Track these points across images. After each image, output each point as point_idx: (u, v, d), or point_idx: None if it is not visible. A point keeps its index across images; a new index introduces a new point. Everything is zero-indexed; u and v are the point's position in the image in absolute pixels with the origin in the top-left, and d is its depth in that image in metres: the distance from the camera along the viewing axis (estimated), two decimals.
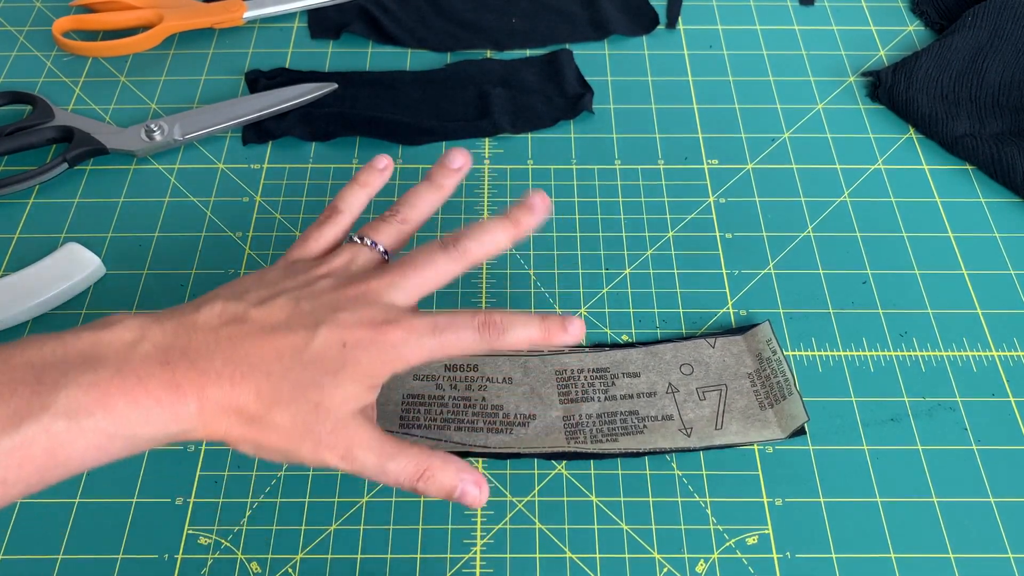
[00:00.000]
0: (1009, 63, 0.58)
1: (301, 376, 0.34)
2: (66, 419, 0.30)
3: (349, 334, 0.35)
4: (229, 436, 0.34)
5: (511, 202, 0.40)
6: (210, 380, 0.33)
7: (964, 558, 0.40)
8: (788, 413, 0.43)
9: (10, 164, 0.55)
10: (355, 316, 0.35)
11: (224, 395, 0.33)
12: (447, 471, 0.35)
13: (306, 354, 0.34)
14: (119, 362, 0.32)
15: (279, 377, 0.34)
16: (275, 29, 0.63)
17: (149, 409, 0.32)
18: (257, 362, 0.34)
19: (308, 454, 0.34)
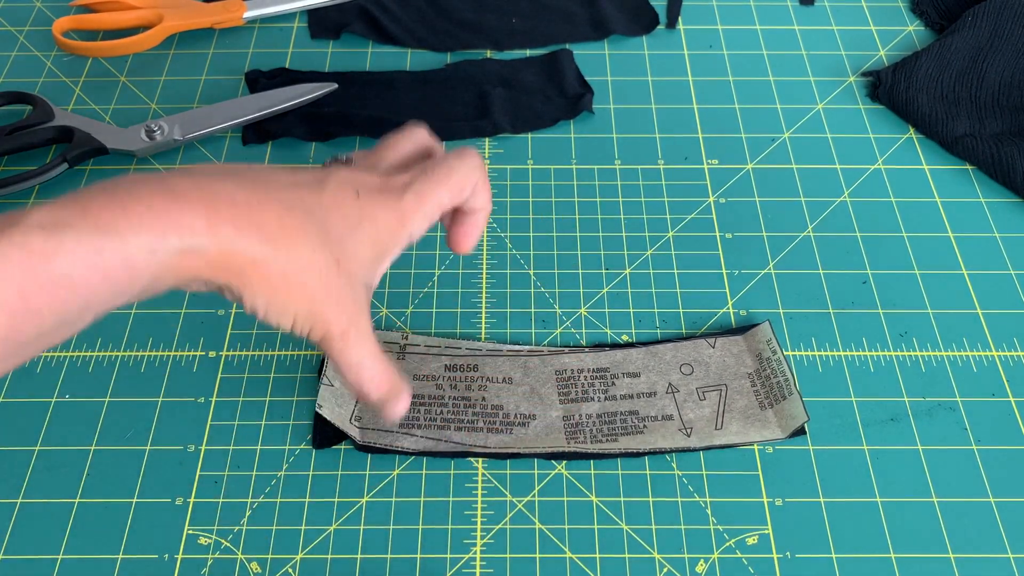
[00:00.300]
0: (1009, 63, 0.58)
1: (324, 220, 0.32)
2: (41, 231, 0.26)
3: (358, 182, 0.34)
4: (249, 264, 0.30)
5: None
6: (220, 199, 0.30)
7: (964, 558, 0.40)
8: (788, 413, 0.43)
9: (10, 164, 0.55)
10: (361, 172, 0.35)
11: (240, 214, 0.30)
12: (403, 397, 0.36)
13: (324, 196, 0.33)
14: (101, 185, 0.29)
15: (303, 214, 0.31)
16: (275, 29, 0.63)
17: (141, 215, 0.28)
18: (275, 191, 0.31)
19: (320, 308, 0.32)
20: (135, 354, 0.46)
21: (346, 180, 0.34)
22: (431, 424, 0.43)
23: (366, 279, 0.34)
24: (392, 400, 0.36)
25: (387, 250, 0.35)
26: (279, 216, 0.31)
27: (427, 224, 0.36)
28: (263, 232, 0.30)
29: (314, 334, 0.33)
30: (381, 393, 0.35)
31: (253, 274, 0.30)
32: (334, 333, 0.33)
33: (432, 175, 0.36)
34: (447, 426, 0.43)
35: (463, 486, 0.42)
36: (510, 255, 0.51)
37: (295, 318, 0.32)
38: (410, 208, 0.35)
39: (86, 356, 0.46)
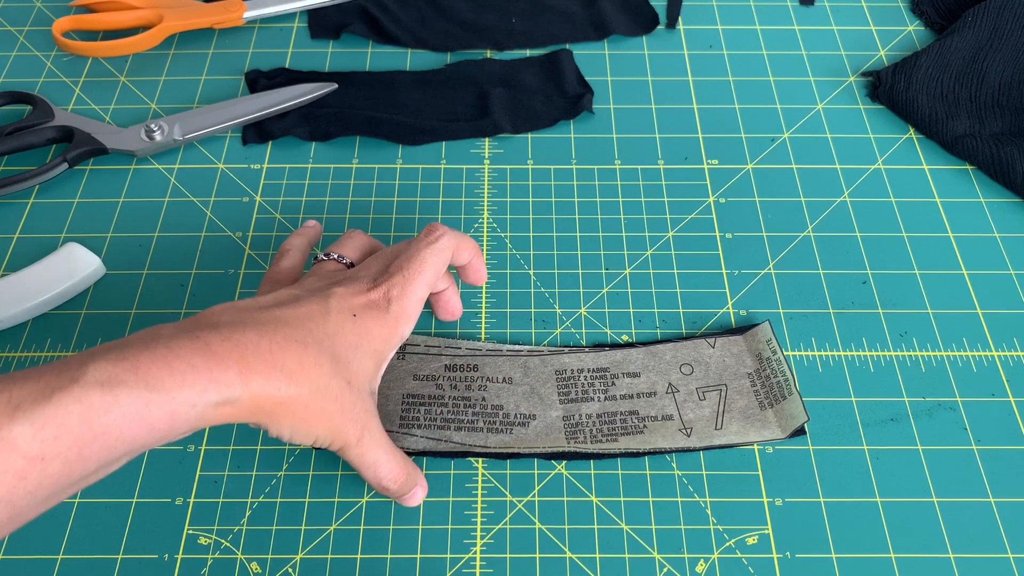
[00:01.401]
0: (1009, 63, 0.58)
1: (332, 348, 0.36)
2: (99, 387, 0.30)
3: (355, 304, 0.38)
4: (276, 405, 0.34)
5: None
6: (248, 350, 0.33)
7: (964, 558, 0.40)
8: (788, 413, 0.43)
9: (10, 164, 0.55)
10: (347, 287, 0.39)
11: (266, 364, 0.33)
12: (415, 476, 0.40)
13: (329, 325, 0.36)
14: (144, 340, 0.32)
15: (315, 348, 0.35)
16: (275, 29, 0.63)
17: (184, 373, 0.31)
18: (289, 332, 0.35)
19: (339, 426, 0.36)
20: None
21: (344, 306, 0.38)
22: (431, 424, 0.43)
23: (371, 388, 0.38)
24: (410, 490, 0.40)
25: (383, 358, 0.39)
26: (298, 356, 0.35)
27: (413, 324, 0.40)
28: (285, 374, 0.34)
29: (334, 446, 0.37)
30: (399, 485, 0.39)
31: (278, 411, 0.34)
32: (351, 442, 0.37)
33: (407, 275, 0.39)
34: (447, 426, 0.43)
35: (463, 486, 0.42)
36: (510, 255, 0.51)
37: (316, 438, 0.36)
38: (396, 316, 0.39)
39: None
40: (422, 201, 0.53)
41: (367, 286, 0.39)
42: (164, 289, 0.49)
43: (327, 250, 0.43)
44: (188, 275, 0.49)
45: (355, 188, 0.53)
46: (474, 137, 0.56)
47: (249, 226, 0.52)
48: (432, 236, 0.41)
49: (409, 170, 0.55)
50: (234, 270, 0.50)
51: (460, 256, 0.43)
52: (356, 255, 0.43)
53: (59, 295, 0.48)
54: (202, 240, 0.51)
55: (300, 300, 0.37)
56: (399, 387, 0.45)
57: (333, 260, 0.43)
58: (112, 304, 0.48)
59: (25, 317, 0.47)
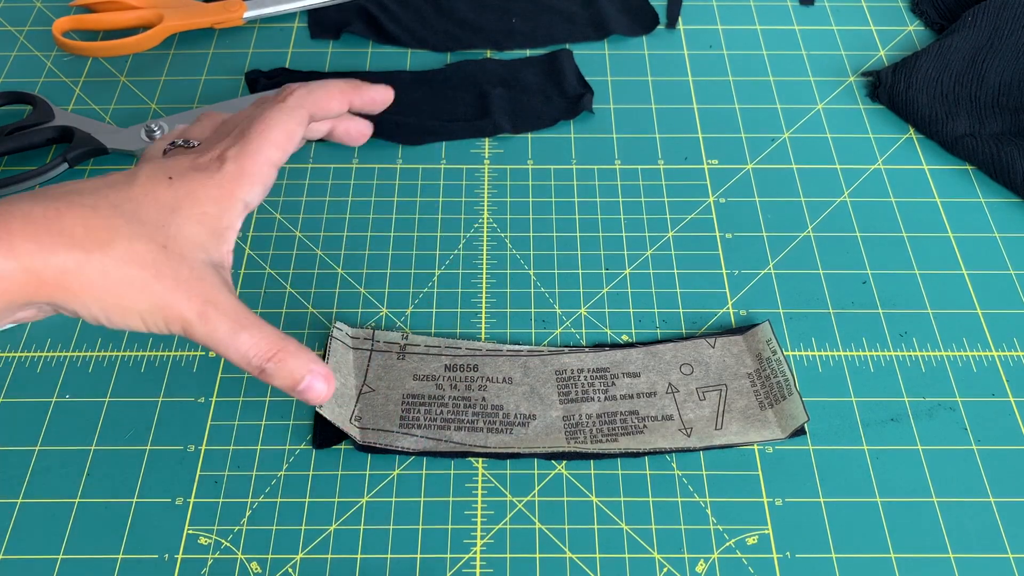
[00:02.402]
0: (1009, 63, 0.58)
1: (136, 211, 0.31)
2: None
3: (170, 168, 0.33)
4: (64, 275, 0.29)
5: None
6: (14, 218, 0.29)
7: (964, 558, 0.40)
8: (788, 413, 0.43)
9: (10, 164, 0.55)
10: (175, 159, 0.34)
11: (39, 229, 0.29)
12: (300, 358, 0.33)
13: (134, 189, 0.32)
14: None
15: (108, 211, 0.30)
16: (275, 29, 0.63)
17: None
18: (75, 199, 0.30)
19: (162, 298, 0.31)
20: (135, 354, 0.46)
21: (157, 168, 0.33)
22: (431, 424, 0.43)
23: (208, 257, 0.33)
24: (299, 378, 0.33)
25: (221, 224, 0.33)
26: (83, 219, 0.30)
27: (261, 187, 0.34)
28: (66, 239, 0.29)
29: (172, 326, 0.31)
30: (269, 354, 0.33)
31: (73, 283, 0.30)
32: (191, 318, 0.31)
33: (249, 135, 0.34)
34: (447, 426, 0.43)
35: (463, 486, 0.42)
36: (510, 255, 0.51)
37: (141, 316, 0.31)
38: (232, 177, 0.33)
39: (86, 356, 0.46)
40: (422, 201, 0.53)
41: (197, 153, 0.34)
42: None
43: (174, 137, 0.38)
44: None
45: (355, 188, 0.53)
46: (474, 137, 0.56)
47: (249, 226, 0.52)
48: (281, 95, 0.36)
49: (409, 170, 0.55)
50: (234, 270, 0.50)
51: (326, 108, 0.37)
52: (206, 135, 0.38)
53: None
54: None
55: (107, 175, 0.33)
56: (399, 387, 0.45)
57: (180, 147, 0.37)
58: None
59: None
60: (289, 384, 0.33)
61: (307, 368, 0.34)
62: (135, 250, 0.30)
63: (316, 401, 0.34)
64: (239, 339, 0.32)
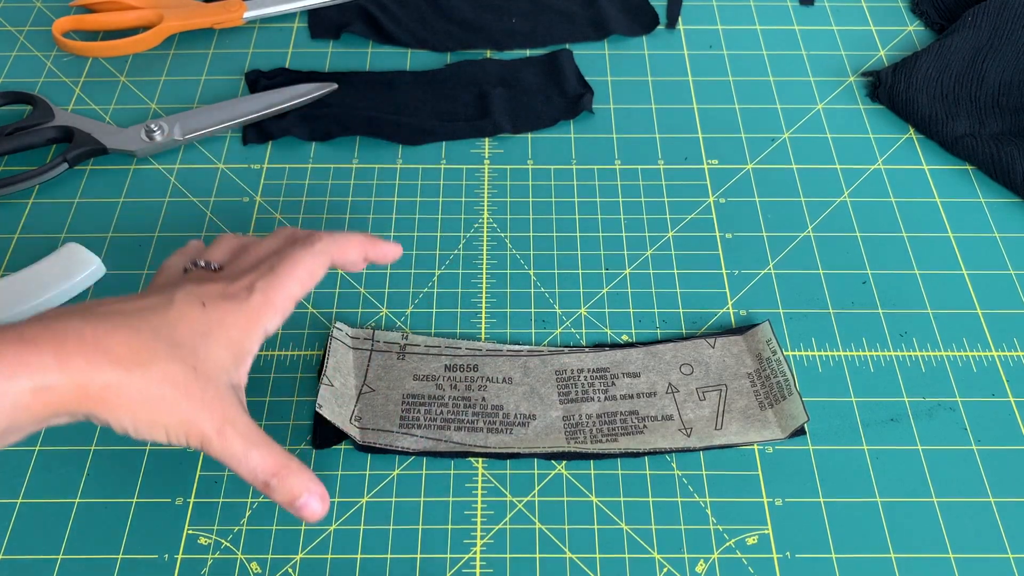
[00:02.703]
0: (1009, 63, 0.58)
1: (172, 335, 0.33)
2: None
3: (203, 294, 0.35)
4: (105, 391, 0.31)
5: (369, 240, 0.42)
6: (67, 335, 0.31)
7: (964, 558, 0.40)
8: (788, 413, 0.43)
9: (10, 164, 0.55)
10: (204, 286, 0.36)
11: (87, 347, 0.31)
12: (300, 477, 0.35)
13: (171, 312, 0.34)
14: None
15: (149, 334, 0.33)
16: (275, 29, 0.63)
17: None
18: (120, 320, 0.33)
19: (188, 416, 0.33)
20: None
21: (191, 293, 0.35)
22: (431, 424, 0.43)
23: (229, 379, 0.35)
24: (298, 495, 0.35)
25: (244, 349, 0.36)
26: (127, 340, 0.32)
27: (281, 318, 0.37)
28: (111, 357, 0.32)
29: (192, 440, 0.34)
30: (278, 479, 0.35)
31: (112, 398, 0.32)
32: (210, 435, 0.34)
33: (278, 271, 0.37)
34: (447, 426, 0.43)
35: (463, 486, 0.42)
36: (510, 255, 0.51)
37: (166, 430, 0.33)
38: (258, 307, 0.36)
39: None
40: (422, 201, 0.53)
41: (227, 281, 0.37)
42: None
43: (194, 258, 0.41)
44: None
45: (355, 188, 0.53)
46: (474, 137, 0.56)
47: (249, 226, 0.52)
48: (309, 239, 0.39)
49: (409, 170, 0.55)
50: None
51: (345, 258, 0.40)
52: (228, 257, 0.41)
53: (59, 295, 0.48)
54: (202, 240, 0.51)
55: (145, 296, 0.35)
56: (399, 387, 0.45)
57: (201, 269, 0.40)
58: None
59: (25, 317, 0.47)
60: (288, 500, 0.35)
61: (305, 487, 0.35)
62: (170, 371, 0.33)
63: (310, 519, 0.36)
64: (250, 456, 0.34)
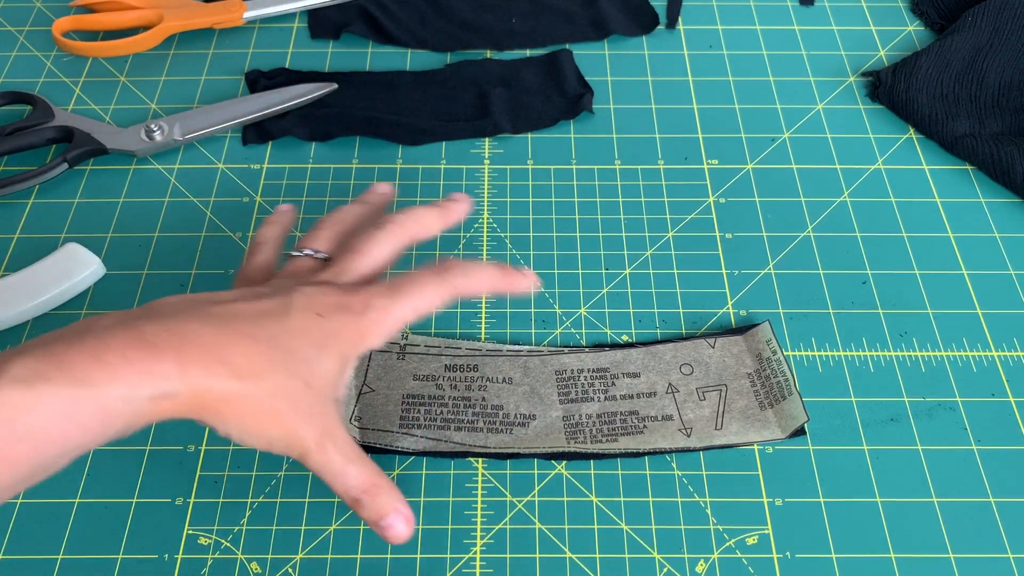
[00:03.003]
0: (1009, 63, 0.58)
1: (290, 346, 0.33)
2: (21, 385, 0.28)
3: (320, 304, 0.35)
4: (220, 402, 0.31)
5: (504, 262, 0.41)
6: (188, 340, 0.31)
7: (964, 558, 0.40)
8: (788, 413, 0.43)
9: (10, 164, 0.55)
10: (319, 290, 0.36)
11: (208, 355, 0.31)
12: (390, 495, 0.35)
13: (289, 323, 0.34)
14: (77, 331, 0.30)
15: (268, 344, 0.33)
16: (275, 29, 0.63)
17: (115, 366, 0.29)
18: (240, 325, 0.33)
19: (293, 428, 0.33)
20: None
21: (309, 304, 0.35)
22: (431, 424, 0.43)
23: (334, 392, 0.35)
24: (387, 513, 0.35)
25: (349, 363, 0.36)
26: (245, 351, 0.32)
27: (386, 339, 0.37)
28: (230, 368, 0.32)
29: (292, 452, 0.34)
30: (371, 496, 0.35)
31: (224, 408, 0.32)
32: (311, 447, 0.34)
33: (400, 293, 0.37)
34: (447, 426, 0.43)
35: (463, 486, 0.42)
36: (510, 255, 0.51)
37: (270, 440, 0.34)
38: (372, 323, 0.36)
39: None
40: (422, 201, 0.53)
41: (343, 289, 0.36)
42: (164, 289, 0.49)
43: (300, 243, 0.40)
44: (188, 275, 0.49)
45: (355, 188, 0.53)
46: (474, 137, 0.56)
47: (249, 226, 0.52)
48: (441, 268, 0.38)
49: (409, 170, 0.55)
50: (234, 270, 0.50)
51: (472, 292, 0.39)
52: (332, 245, 0.40)
53: (59, 295, 0.48)
54: (202, 240, 0.51)
55: (261, 296, 0.35)
56: (399, 387, 0.45)
57: (307, 256, 0.40)
58: (112, 304, 0.48)
59: (25, 317, 0.47)
60: (375, 517, 0.35)
61: (393, 506, 0.35)
62: (283, 384, 0.33)
63: (394, 540, 0.36)
64: (347, 471, 0.35)
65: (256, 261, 0.41)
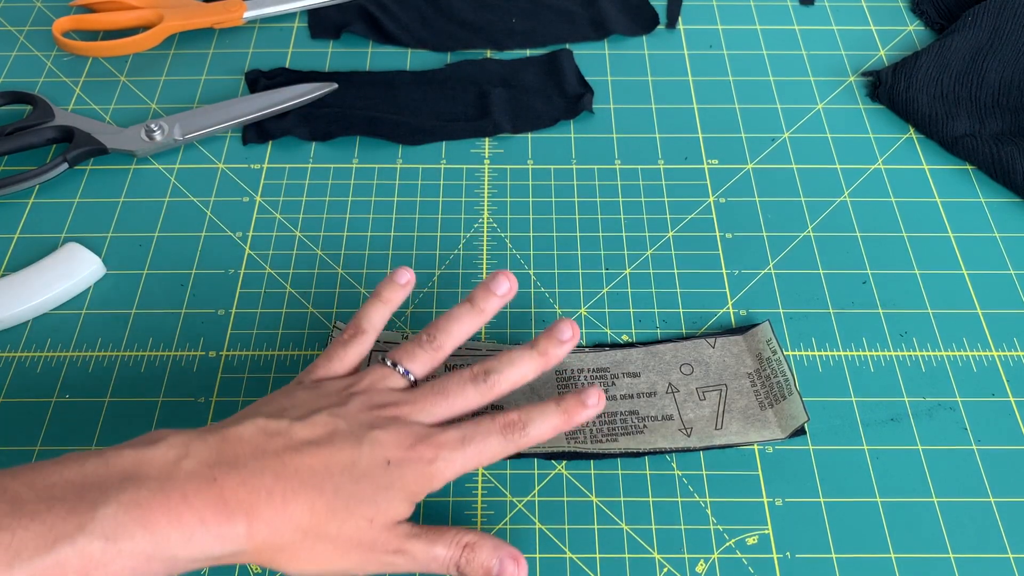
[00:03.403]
0: (1009, 63, 0.58)
1: (354, 491, 0.35)
2: (103, 540, 0.30)
3: (391, 452, 0.36)
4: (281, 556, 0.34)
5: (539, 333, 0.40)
6: (260, 498, 0.33)
7: (964, 558, 0.40)
8: (788, 413, 0.43)
9: (10, 164, 0.55)
10: (392, 436, 0.36)
11: (276, 514, 0.33)
12: (485, 547, 0.37)
13: (356, 471, 0.35)
14: (162, 479, 0.32)
15: (332, 494, 0.34)
16: (275, 29, 0.63)
17: (193, 530, 0.31)
18: (308, 478, 0.34)
19: (361, 560, 0.35)
20: (135, 354, 0.46)
21: (379, 455, 0.36)
22: None
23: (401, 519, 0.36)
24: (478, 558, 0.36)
25: (414, 501, 0.37)
26: (312, 506, 0.34)
27: (449, 482, 0.38)
28: (294, 524, 0.33)
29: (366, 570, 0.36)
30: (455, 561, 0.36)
31: (282, 559, 0.34)
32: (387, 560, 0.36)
33: (467, 450, 0.37)
34: None
35: (463, 486, 0.42)
36: (510, 255, 0.51)
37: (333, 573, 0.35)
38: (437, 473, 0.36)
39: (86, 356, 0.46)
40: (422, 201, 0.53)
41: (416, 435, 0.37)
42: (164, 289, 0.49)
43: (394, 356, 0.40)
44: (188, 275, 0.49)
45: (355, 188, 0.54)
46: (474, 137, 0.56)
47: (249, 226, 0.52)
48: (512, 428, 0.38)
49: (409, 170, 0.55)
50: (234, 270, 0.50)
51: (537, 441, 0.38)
52: (424, 371, 0.40)
53: (59, 295, 0.48)
54: (202, 240, 0.51)
55: (333, 440, 0.35)
56: None
57: (397, 373, 0.39)
58: (112, 304, 0.48)
59: (25, 317, 0.47)
60: (483, 574, 0.36)
61: (495, 555, 0.37)
62: (345, 529, 0.34)
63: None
64: (436, 554, 0.36)
65: (349, 354, 0.40)
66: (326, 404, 0.37)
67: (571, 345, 0.40)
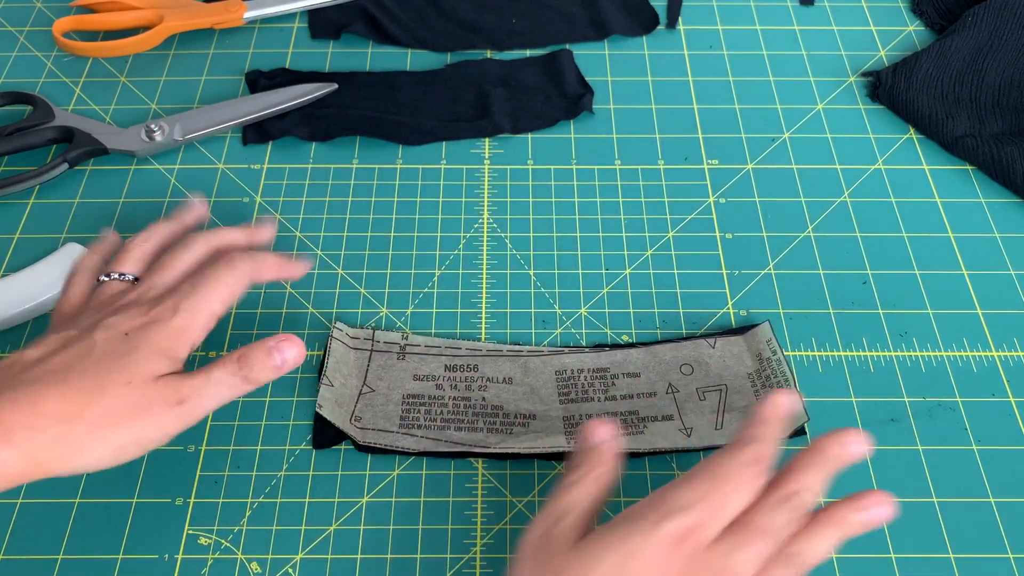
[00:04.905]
0: (1009, 63, 0.58)
1: (99, 368, 0.36)
2: None
3: (126, 325, 0.37)
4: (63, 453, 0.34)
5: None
6: (5, 410, 0.34)
7: (964, 558, 0.40)
8: None
9: (10, 164, 0.55)
10: (123, 316, 0.38)
11: (28, 417, 0.34)
12: (255, 346, 0.39)
13: (95, 352, 0.36)
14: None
15: (78, 378, 0.35)
16: (275, 29, 0.63)
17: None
18: (49, 378, 0.35)
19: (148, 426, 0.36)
20: None
21: (113, 333, 0.37)
22: (431, 424, 0.43)
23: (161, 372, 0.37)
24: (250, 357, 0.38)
25: (175, 356, 0.38)
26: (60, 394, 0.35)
27: (205, 332, 0.39)
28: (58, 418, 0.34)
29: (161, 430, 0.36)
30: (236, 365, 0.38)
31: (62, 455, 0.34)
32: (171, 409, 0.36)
33: (199, 290, 0.39)
34: (447, 426, 0.43)
35: (463, 486, 0.42)
36: (510, 255, 0.51)
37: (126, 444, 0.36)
38: (183, 324, 0.38)
39: None
40: (422, 201, 0.53)
41: (149, 305, 0.38)
42: None
43: (109, 267, 0.42)
44: None
45: (355, 188, 0.54)
46: (474, 137, 0.56)
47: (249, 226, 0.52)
48: (229, 259, 0.41)
49: (409, 170, 0.55)
50: None
51: (262, 277, 0.42)
52: (140, 267, 0.42)
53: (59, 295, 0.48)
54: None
55: (68, 344, 0.37)
56: (399, 387, 0.45)
57: (116, 280, 0.41)
58: None
59: (25, 317, 0.47)
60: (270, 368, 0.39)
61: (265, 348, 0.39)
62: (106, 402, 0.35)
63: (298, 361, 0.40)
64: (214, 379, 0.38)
65: (70, 295, 0.42)
66: (61, 330, 0.38)
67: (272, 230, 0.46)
